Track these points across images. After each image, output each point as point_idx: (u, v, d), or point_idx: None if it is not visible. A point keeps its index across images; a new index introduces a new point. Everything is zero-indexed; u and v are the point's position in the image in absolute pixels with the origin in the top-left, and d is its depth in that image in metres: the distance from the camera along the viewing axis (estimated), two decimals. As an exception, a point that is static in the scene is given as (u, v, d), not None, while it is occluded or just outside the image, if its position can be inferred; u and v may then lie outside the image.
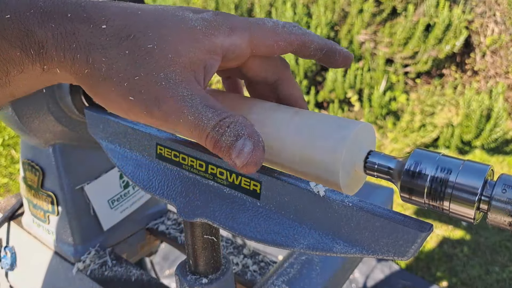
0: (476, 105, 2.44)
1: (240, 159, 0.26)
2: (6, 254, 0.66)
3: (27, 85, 0.27)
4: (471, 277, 1.76)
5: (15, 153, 2.50)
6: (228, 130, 0.26)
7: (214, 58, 0.28)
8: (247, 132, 0.26)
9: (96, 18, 0.26)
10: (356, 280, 1.72)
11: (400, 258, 0.25)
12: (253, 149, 0.26)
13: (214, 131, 0.26)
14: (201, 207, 0.33)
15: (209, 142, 0.27)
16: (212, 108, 0.26)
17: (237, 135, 0.26)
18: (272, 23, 0.31)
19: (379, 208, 0.26)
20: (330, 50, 0.33)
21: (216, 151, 0.27)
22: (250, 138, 0.26)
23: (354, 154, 0.29)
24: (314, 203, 0.28)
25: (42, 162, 0.58)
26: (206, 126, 0.26)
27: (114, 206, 0.63)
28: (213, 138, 0.26)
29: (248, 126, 0.27)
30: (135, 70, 0.26)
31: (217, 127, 0.26)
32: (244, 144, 0.26)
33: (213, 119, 0.26)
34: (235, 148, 0.26)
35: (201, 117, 0.26)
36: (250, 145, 0.26)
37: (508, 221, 0.24)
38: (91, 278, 0.57)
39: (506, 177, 0.24)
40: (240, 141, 0.26)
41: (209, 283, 0.38)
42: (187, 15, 0.28)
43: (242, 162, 0.26)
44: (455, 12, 2.70)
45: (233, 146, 0.26)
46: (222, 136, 0.26)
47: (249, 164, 0.26)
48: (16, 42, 0.24)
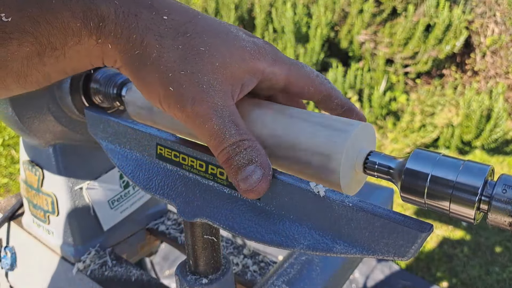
0: (476, 105, 2.44)
1: (245, 184, 0.28)
2: (6, 254, 0.66)
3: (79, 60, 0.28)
4: (471, 277, 1.75)
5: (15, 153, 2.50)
6: (244, 152, 0.28)
7: (253, 80, 0.30)
8: (260, 160, 0.28)
9: (160, 8, 0.28)
10: (356, 280, 1.72)
11: (400, 258, 0.25)
12: (261, 179, 0.28)
13: (231, 147, 0.28)
14: (201, 207, 0.33)
15: (222, 156, 0.28)
16: (236, 125, 0.28)
17: (250, 160, 0.28)
18: (309, 69, 0.33)
19: (379, 208, 0.26)
20: (349, 109, 0.35)
21: (224, 166, 0.29)
22: (261, 167, 0.28)
23: (354, 154, 0.29)
24: (314, 203, 0.28)
25: (42, 162, 0.58)
26: (226, 141, 0.28)
27: (114, 206, 0.63)
28: (227, 153, 0.28)
29: (263, 155, 0.28)
30: (183, 65, 0.27)
31: (235, 145, 0.28)
32: (253, 171, 0.28)
33: (234, 136, 0.28)
34: (244, 171, 0.28)
35: (225, 130, 0.28)
36: (259, 174, 0.28)
37: (508, 221, 0.24)
38: (91, 278, 0.57)
39: (506, 177, 0.24)
40: (251, 167, 0.28)
41: (209, 283, 0.38)
42: (240, 35, 0.30)
43: (247, 187, 0.28)
44: (455, 12, 2.70)
45: (243, 169, 0.28)
46: (237, 155, 0.28)
47: (253, 191, 0.28)
48: (78, 13, 0.25)
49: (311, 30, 2.79)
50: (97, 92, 0.51)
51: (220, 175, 0.33)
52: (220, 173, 0.33)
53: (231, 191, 0.33)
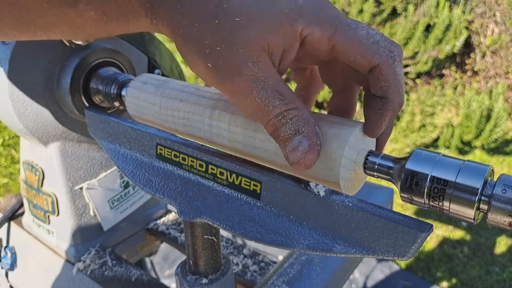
0: (476, 106, 2.44)
1: (293, 155, 0.27)
2: (6, 254, 0.66)
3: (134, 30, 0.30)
4: (471, 277, 1.75)
5: (15, 153, 2.50)
6: (290, 122, 0.27)
7: (294, 44, 0.28)
8: (307, 130, 0.27)
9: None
10: (356, 280, 1.72)
11: (400, 258, 0.25)
12: (308, 150, 0.27)
13: (276, 119, 0.27)
14: (201, 207, 0.33)
15: (269, 128, 0.28)
16: (281, 95, 0.27)
17: (296, 130, 0.27)
18: (365, 32, 0.27)
19: (379, 208, 0.26)
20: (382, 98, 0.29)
21: (273, 137, 0.28)
22: (308, 138, 0.27)
23: (354, 154, 0.29)
24: (314, 203, 0.28)
25: (42, 162, 0.58)
26: (270, 112, 0.27)
27: (114, 206, 0.63)
28: (273, 125, 0.27)
29: (310, 125, 0.27)
30: (219, 41, 0.27)
31: (280, 116, 0.27)
32: (300, 142, 0.27)
33: (279, 107, 0.27)
34: (291, 142, 0.27)
35: (267, 102, 0.27)
36: (306, 145, 0.27)
37: (508, 221, 0.24)
38: (91, 278, 0.57)
39: (506, 177, 0.24)
40: (298, 138, 0.27)
41: (209, 283, 0.38)
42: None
43: (294, 159, 0.27)
44: (455, 12, 2.70)
45: (290, 140, 0.27)
46: (283, 126, 0.27)
47: (300, 163, 0.27)
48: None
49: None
50: (97, 92, 0.51)
51: (220, 175, 0.34)
52: (220, 173, 0.33)
53: (231, 191, 0.33)
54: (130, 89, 0.43)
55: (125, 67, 0.55)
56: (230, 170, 0.33)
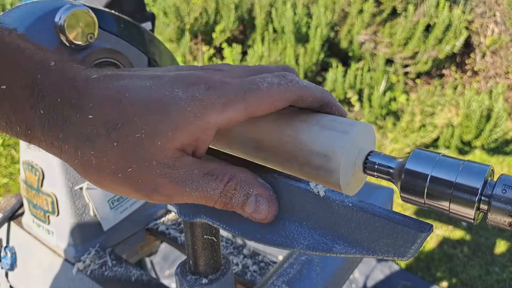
0: (476, 106, 2.44)
1: (259, 215, 0.28)
2: (6, 254, 0.66)
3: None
4: (471, 277, 1.75)
5: (15, 153, 2.50)
6: (236, 192, 0.28)
7: (208, 134, 0.27)
8: (255, 189, 0.28)
9: (84, 105, 0.25)
10: (356, 281, 1.72)
11: (400, 258, 0.25)
12: (269, 205, 0.28)
13: (221, 197, 0.27)
14: (201, 207, 0.33)
15: (219, 206, 0.28)
16: (213, 175, 0.27)
17: (246, 194, 0.28)
18: (267, 84, 0.28)
19: (379, 208, 0.26)
20: (326, 104, 0.32)
21: (228, 209, 0.28)
22: (261, 195, 0.28)
23: (354, 154, 0.29)
24: (314, 203, 0.28)
25: (42, 162, 0.58)
26: (212, 196, 0.27)
27: (114, 206, 0.63)
28: (222, 202, 0.28)
29: (254, 183, 0.28)
30: (126, 162, 0.25)
31: (223, 194, 0.27)
32: (257, 202, 0.28)
33: (217, 188, 0.27)
34: (249, 205, 0.28)
35: (204, 190, 0.27)
36: (265, 202, 0.28)
37: (508, 222, 0.24)
38: (91, 278, 0.57)
39: (506, 177, 0.24)
40: (252, 199, 0.28)
41: (209, 283, 0.38)
42: (176, 95, 0.26)
43: (263, 216, 0.28)
44: (455, 12, 2.70)
45: (246, 204, 0.28)
46: (231, 199, 0.28)
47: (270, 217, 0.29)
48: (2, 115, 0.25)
49: (311, 30, 2.79)
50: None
51: (220, 175, 0.33)
52: (220, 173, 0.33)
53: (231, 191, 0.33)
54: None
55: (123, 66, 0.55)
56: (230, 170, 0.33)
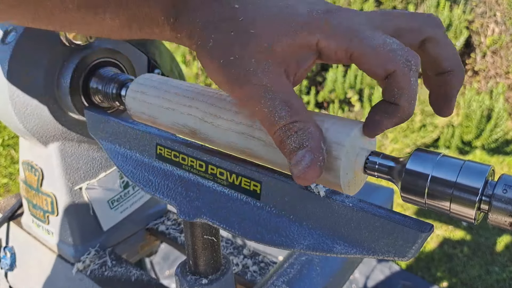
0: (476, 106, 2.44)
1: (296, 169, 0.27)
2: (6, 254, 0.66)
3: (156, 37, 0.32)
4: (471, 277, 1.75)
5: (14, 153, 2.50)
6: (295, 135, 0.27)
7: (309, 55, 0.28)
8: (311, 144, 0.27)
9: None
10: (356, 281, 1.72)
11: (401, 258, 0.25)
12: (310, 166, 0.27)
13: (282, 130, 0.27)
14: (201, 208, 0.33)
15: (276, 138, 0.28)
16: (289, 106, 0.27)
17: (300, 144, 0.27)
18: (381, 41, 0.27)
19: (379, 209, 0.26)
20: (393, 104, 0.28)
21: (280, 149, 0.28)
22: (311, 153, 0.27)
23: (354, 154, 0.29)
24: (314, 204, 0.28)
25: (42, 162, 0.58)
26: (276, 123, 0.27)
27: (114, 206, 0.63)
28: (279, 136, 0.27)
29: (314, 139, 0.27)
30: (233, 51, 0.28)
31: (286, 128, 0.27)
32: (303, 157, 0.27)
33: (284, 118, 0.27)
34: (295, 156, 0.27)
35: (274, 112, 0.27)
36: (308, 160, 0.27)
37: (509, 221, 0.24)
38: (91, 278, 0.57)
39: (506, 177, 0.24)
40: (301, 152, 0.27)
41: (209, 283, 0.38)
42: (297, 6, 0.29)
43: (297, 173, 0.27)
44: (455, 12, 2.70)
45: (294, 154, 0.27)
46: (288, 138, 0.27)
47: (301, 178, 0.27)
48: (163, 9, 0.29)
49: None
50: (97, 92, 0.51)
51: (220, 175, 0.33)
52: (220, 173, 0.33)
53: (231, 191, 0.33)
54: (130, 89, 0.43)
55: (125, 67, 0.55)
56: (230, 170, 0.33)
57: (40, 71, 0.49)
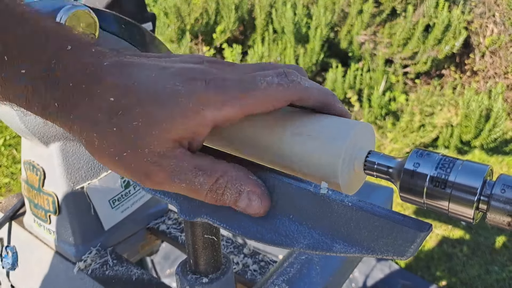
0: (475, 105, 2.44)
1: (252, 210, 0.29)
2: (8, 253, 0.66)
3: None
4: (470, 276, 1.76)
5: (16, 153, 2.50)
6: (228, 190, 0.28)
7: (203, 129, 0.28)
8: (247, 186, 0.29)
9: (93, 91, 0.27)
10: (356, 280, 1.72)
11: (400, 257, 0.25)
12: (261, 201, 0.29)
13: (211, 193, 0.28)
14: (202, 207, 0.33)
15: (210, 200, 0.29)
16: (202, 170, 0.28)
17: (238, 192, 0.28)
18: (266, 83, 0.28)
19: (379, 208, 0.26)
20: (328, 106, 0.32)
21: (219, 204, 0.29)
22: (253, 192, 0.29)
23: (353, 154, 0.30)
24: (313, 203, 0.28)
25: (43, 162, 0.58)
26: (201, 190, 0.28)
27: (115, 206, 0.63)
28: (212, 197, 0.28)
29: (246, 180, 0.29)
30: (123, 147, 0.27)
31: (214, 189, 0.28)
32: (249, 198, 0.29)
33: (205, 183, 0.28)
34: (241, 201, 0.29)
35: (193, 183, 0.28)
36: (257, 200, 0.29)
37: (507, 221, 0.24)
38: (92, 277, 0.57)
39: (505, 177, 0.25)
40: (244, 195, 0.28)
41: (209, 282, 0.39)
42: (176, 89, 0.27)
43: (255, 211, 0.29)
44: (454, 12, 2.70)
45: (238, 200, 0.29)
46: (223, 195, 0.28)
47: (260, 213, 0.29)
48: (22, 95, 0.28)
49: (311, 30, 2.79)
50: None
51: (221, 175, 0.34)
52: (221, 173, 0.34)
53: (232, 191, 0.33)
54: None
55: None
56: (231, 170, 0.33)
57: (42, 72, 0.49)
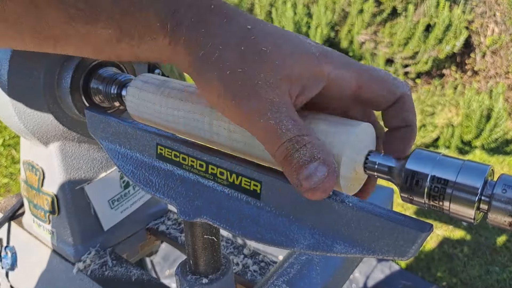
0: (476, 105, 2.44)
1: (309, 182, 0.26)
2: (7, 254, 0.66)
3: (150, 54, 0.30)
4: (471, 277, 1.76)
5: (15, 153, 2.50)
6: (304, 148, 0.26)
7: (317, 83, 0.29)
8: (323, 157, 0.26)
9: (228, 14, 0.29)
10: (357, 280, 1.72)
11: (400, 258, 0.25)
12: (327, 176, 0.26)
13: (289, 143, 0.27)
14: (201, 207, 0.33)
15: (280, 154, 0.27)
16: (295, 121, 0.27)
17: (312, 157, 0.26)
18: (384, 72, 0.31)
19: (379, 208, 0.26)
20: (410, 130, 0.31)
21: (284, 165, 0.27)
22: (325, 164, 0.26)
23: (354, 154, 0.29)
24: (314, 203, 0.28)
25: (43, 162, 0.58)
26: (283, 135, 0.27)
27: (114, 206, 0.63)
28: (286, 150, 0.27)
29: (325, 152, 0.27)
30: (241, 64, 0.28)
31: (293, 141, 0.27)
32: (317, 169, 0.26)
33: (292, 131, 0.27)
34: (307, 169, 0.26)
35: (281, 124, 0.27)
36: (324, 171, 0.26)
37: (508, 221, 0.24)
38: (91, 278, 0.57)
39: (506, 177, 0.24)
40: (314, 164, 0.26)
41: (209, 283, 0.38)
42: (306, 41, 0.30)
43: (311, 185, 0.26)
44: (455, 12, 2.70)
45: (306, 166, 0.26)
46: (297, 152, 0.26)
47: (317, 189, 0.26)
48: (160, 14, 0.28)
49: (311, 30, 2.79)
50: (98, 92, 0.51)
51: (220, 175, 0.34)
52: (220, 173, 0.33)
53: (231, 191, 0.33)
54: (130, 88, 0.43)
55: (125, 67, 0.55)
56: (230, 170, 0.33)
57: (40, 71, 0.49)
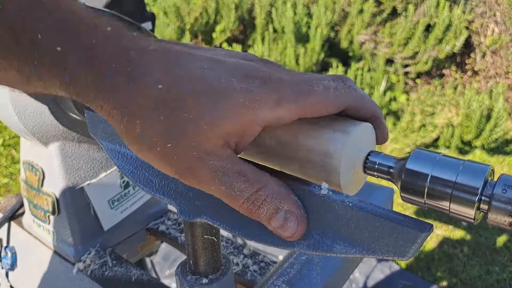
0: (476, 105, 2.44)
1: (286, 232, 0.27)
2: (7, 254, 0.66)
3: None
4: (471, 277, 1.75)
5: (15, 153, 2.50)
6: (265, 203, 0.27)
7: (254, 129, 0.26)
8: (287, 205, 0.27)
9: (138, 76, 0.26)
10: (356, 280, 1.72)
11: (400, 258, 0.25)
12: (298, 224, 0.27)
13: (248, 202, 0.27)
14: (201, 207, 0.33)
15: (244, 211, 0.27)
16: (245, 177, 0.27)
17: (276, 208, 0.27)
18: (323, 87, 0.27)
19: (379, 208, 0.26)
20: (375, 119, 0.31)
21: (253, 217, 0.28)
22: (291, 213, 0.27)
23: (354, 154, 0.29)
24: (314, 203, 0.28)
25: (43, 162, 0.58)
26: (238, 197, 0.27)
27: (114, 206, 0.63)
28: (248, 208, 0.27)
29: (287, 198, 0.27)
30: (168, 137, 0.26)
31: (251, 200, 0.27)
32: (286, 219, 0.27)
33: (246, 191, 0.27)
34: (277, 219, 0.27)
35: (232, 187, 0.26)
36: (294, 220, 0.27)
37: (509, 221, 0.24)
38: (91, 278, 0.57)
39: (506, 177, 0.24)
40: (281, 214, 0.27)
41: (209, 283, 0.38)
42: (231, 84, 0.26)
43: (288, 234, 0.27)
44: (455, 12, 2.70)
45: (274, 217, 0.27)
46: (260, 208, 0.27)
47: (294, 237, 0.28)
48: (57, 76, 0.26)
49: (311, 30, 2.79)
50: (97, 92, 0.51)
51: (220, 175, 0.33)
52: (220, 173, 0.33)
53: (231, 191, 0.33)
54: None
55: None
56: (230, 170, 0.33)
57: (41, 71, 0.49)
